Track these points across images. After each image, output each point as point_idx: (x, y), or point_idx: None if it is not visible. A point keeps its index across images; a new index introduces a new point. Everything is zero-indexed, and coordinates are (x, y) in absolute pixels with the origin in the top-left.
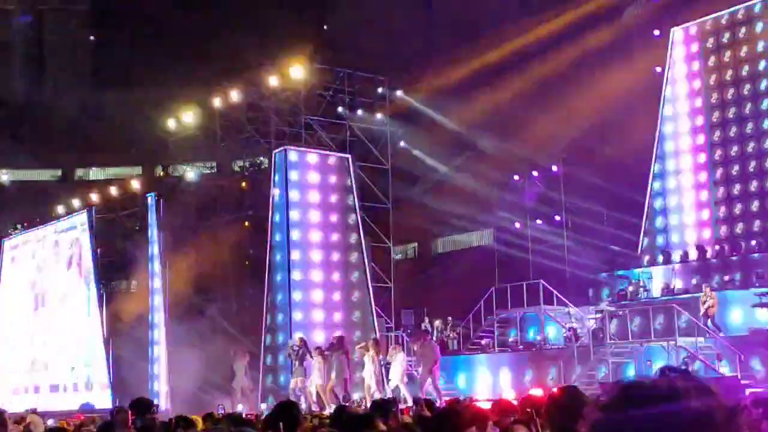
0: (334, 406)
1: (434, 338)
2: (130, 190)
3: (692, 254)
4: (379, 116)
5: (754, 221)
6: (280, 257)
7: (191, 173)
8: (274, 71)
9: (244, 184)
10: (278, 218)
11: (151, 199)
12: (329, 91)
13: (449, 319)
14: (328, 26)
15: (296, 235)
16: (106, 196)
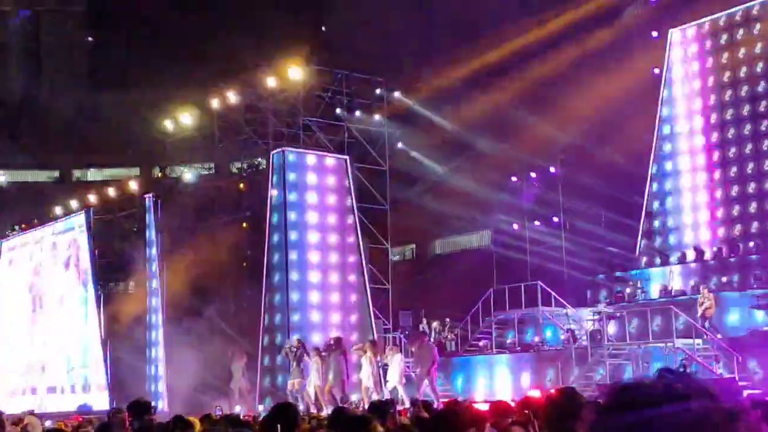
0: (331, 407)
1: (432, 339)
2: (127, 191)
3: (690, 256)
4: (377, 117)
5: (752, 223)
6: (278, 258)
7: (189, 174)
8: (271, 72)
9: (242, 185)
10: (276, 219)
11: (148, 200)
12: (327, 92)
13: (447, 320)
14: (325, 27)
15: (294, 236)
16: (103, 197)
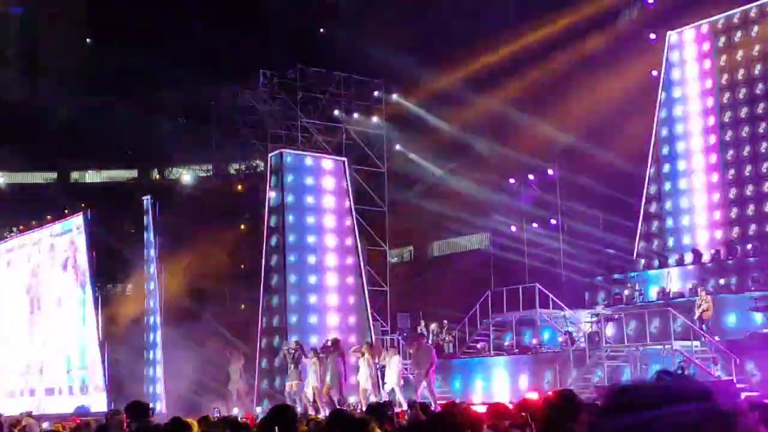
0: (329, 409)
1: (430, 341)
2: (125, 192)
3: (688, 258)
4: (375, 119)
5: (750, 225)
6: (276, 260)
7: (187, 176)
8: (270, 74)
9: (240, 187)
10: (274, 221)
11: (146, 202)
12: (325, 94)
13: (445, 322)
14: (324, 29)
15: (292, 238)
16: (101, 198)
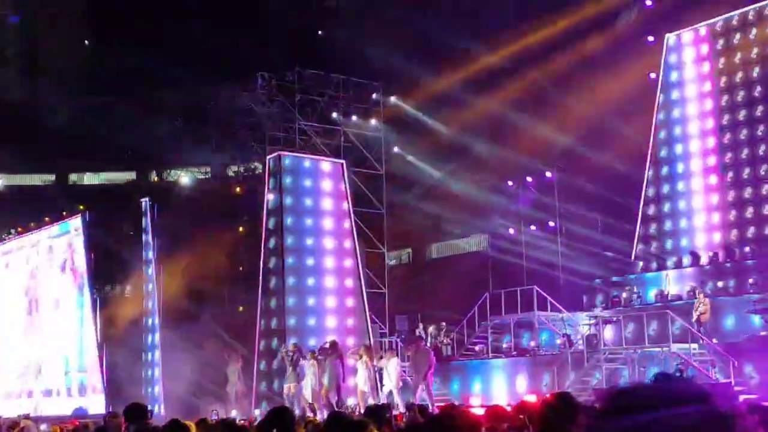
0: (327, 411)
1: (428, 344)
2: (124, 194)
3: (686, 260)
4: (373, 122)
5: (748, 228)
6: (274, 262)
7: (185, 178)
8: (268, 76)
9: (238, 189)
10: (272, 223)
11: (144, 203)
12: (323, 96)
13: (443, 324)
14: (322, 31)
15: (290, 240)
16: (100, 200)
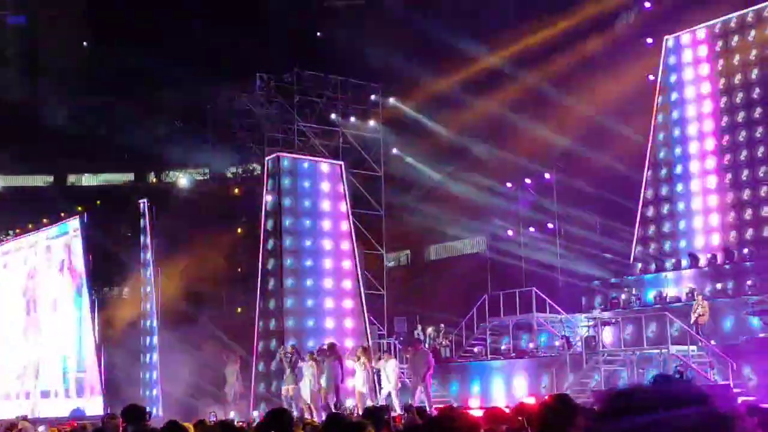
0: (324, 413)
1: (427, 345)
2: (122, 196)
3: (685, 262)
4: (371, 123)
5: (747, 230)
6: (272, 264)
7: (184, 179)
8: (267, 78)
9: (236, 190)
10: (271, 225)
11: (143, 205)
12: (322, 98)
13: (442, 326)
14: (321, 33)
15: (289, 241)
16: (98, 202)
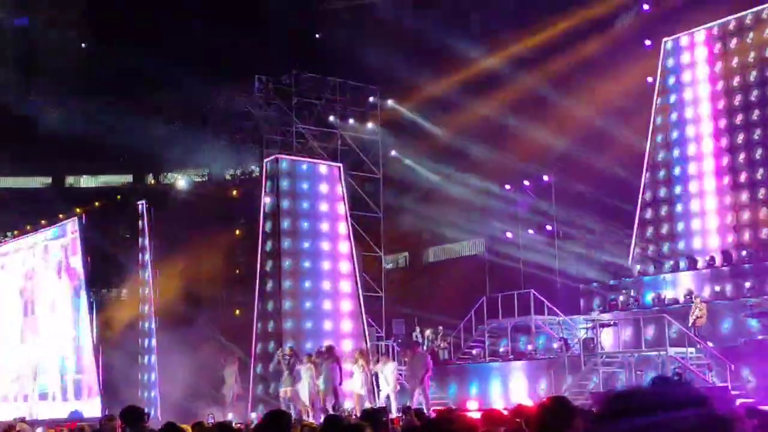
0: (322, 415)
1: (425, 348)
2: (120, 197)
3: (683, 264)
4: (370, 125)
5: (745, 232)
6: (271, 265)
7: (182, 181)
8: (265, 79)
9: (235, 192)
10: (269, 227)
11: (141, 206)
12: (320, 100)
13: (440, 328)
14: (319, 35)
15: (287, 243)
16: (96, 203)
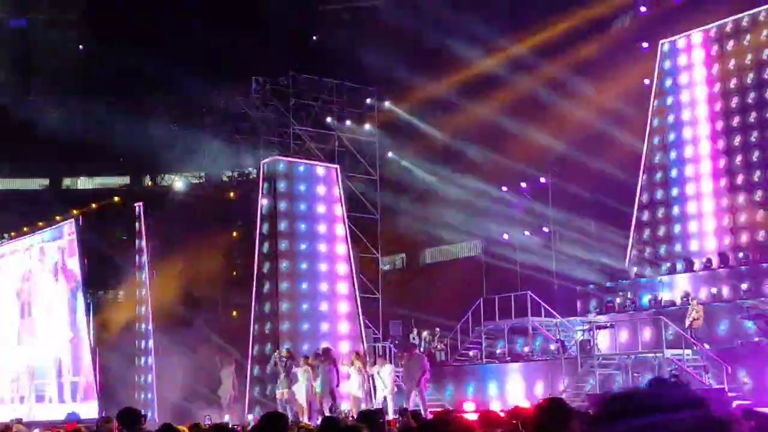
0: (319, 417)
1: (422, 349)
2: (117, 199)
3: (680, 266)
4: (367, 127)
5: (741, 234)
6: (268, 267)
7: (179, 183)
8: (262, 81)
9: (232, 194)
10: (266, 228)
11: (138, 208)
12: (318, 101)
13: (437, 330)
14: (317, 37)
15: (284, 245)
16: (93, 205)
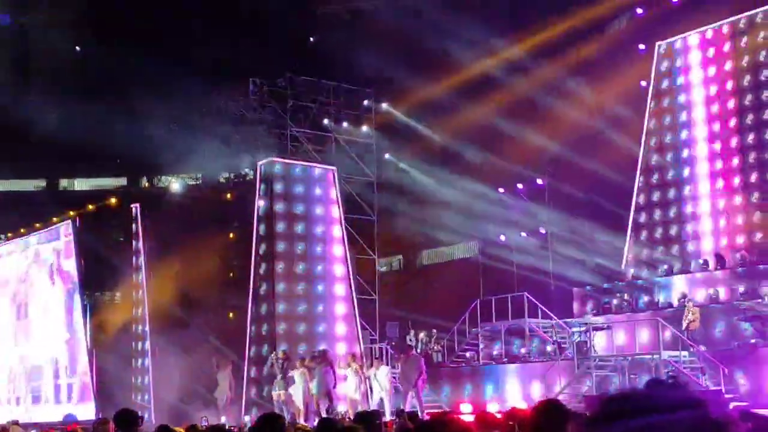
0: (316, 418)
1: (419, 350)
2: (114, 200)
3: (676, 268)
4: (364, 128)
5: (738, 236)
6: (264, 268)
7: (176, 184)
8: (260, 82)
9: (229, 195)
10: (263, 230)
11: (135, 209)
12: (315, 103)
13: (434, 331)
14: (314, 39)
15: (281, 246)
16: (90, 206)
